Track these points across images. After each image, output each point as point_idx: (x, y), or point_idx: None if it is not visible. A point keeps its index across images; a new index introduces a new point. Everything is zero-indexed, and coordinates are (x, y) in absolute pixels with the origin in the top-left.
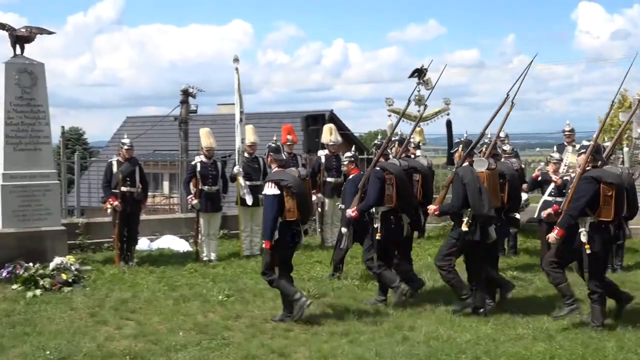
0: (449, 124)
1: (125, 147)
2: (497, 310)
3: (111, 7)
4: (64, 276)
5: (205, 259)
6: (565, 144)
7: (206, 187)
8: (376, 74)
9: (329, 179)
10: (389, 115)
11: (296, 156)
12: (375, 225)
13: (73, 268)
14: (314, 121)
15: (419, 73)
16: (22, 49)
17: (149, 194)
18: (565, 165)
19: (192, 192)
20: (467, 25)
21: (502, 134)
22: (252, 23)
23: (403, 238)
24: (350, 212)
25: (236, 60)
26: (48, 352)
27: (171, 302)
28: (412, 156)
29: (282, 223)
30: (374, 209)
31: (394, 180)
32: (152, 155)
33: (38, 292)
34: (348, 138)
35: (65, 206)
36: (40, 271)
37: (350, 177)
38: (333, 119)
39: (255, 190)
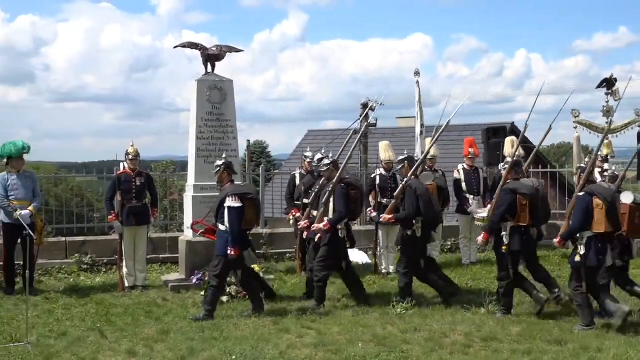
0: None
1: (308, 160)
2: None
3: (295, 24)
4: None
5: (384, 271)
6: None
7: (384, 200)
8: (561, 84)
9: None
10: (575, 127)
11: (478, 169)
12: (341, 236)
13: None
14: (495, 134)
15: (608, 83)
16: (213, 67)
17: None
18: None
19: (371, 204)
20: None
21: None
22: (432, 36)
23: None
24: (322, 225)
25: (417, 73)
26: (234, 357)
27: (350, 313)
28: (600, 170)
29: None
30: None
31: (359, 195)
32: None
33: (225, 299)
34: (530, 151)
35: None
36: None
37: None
38: (514, 131)
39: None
